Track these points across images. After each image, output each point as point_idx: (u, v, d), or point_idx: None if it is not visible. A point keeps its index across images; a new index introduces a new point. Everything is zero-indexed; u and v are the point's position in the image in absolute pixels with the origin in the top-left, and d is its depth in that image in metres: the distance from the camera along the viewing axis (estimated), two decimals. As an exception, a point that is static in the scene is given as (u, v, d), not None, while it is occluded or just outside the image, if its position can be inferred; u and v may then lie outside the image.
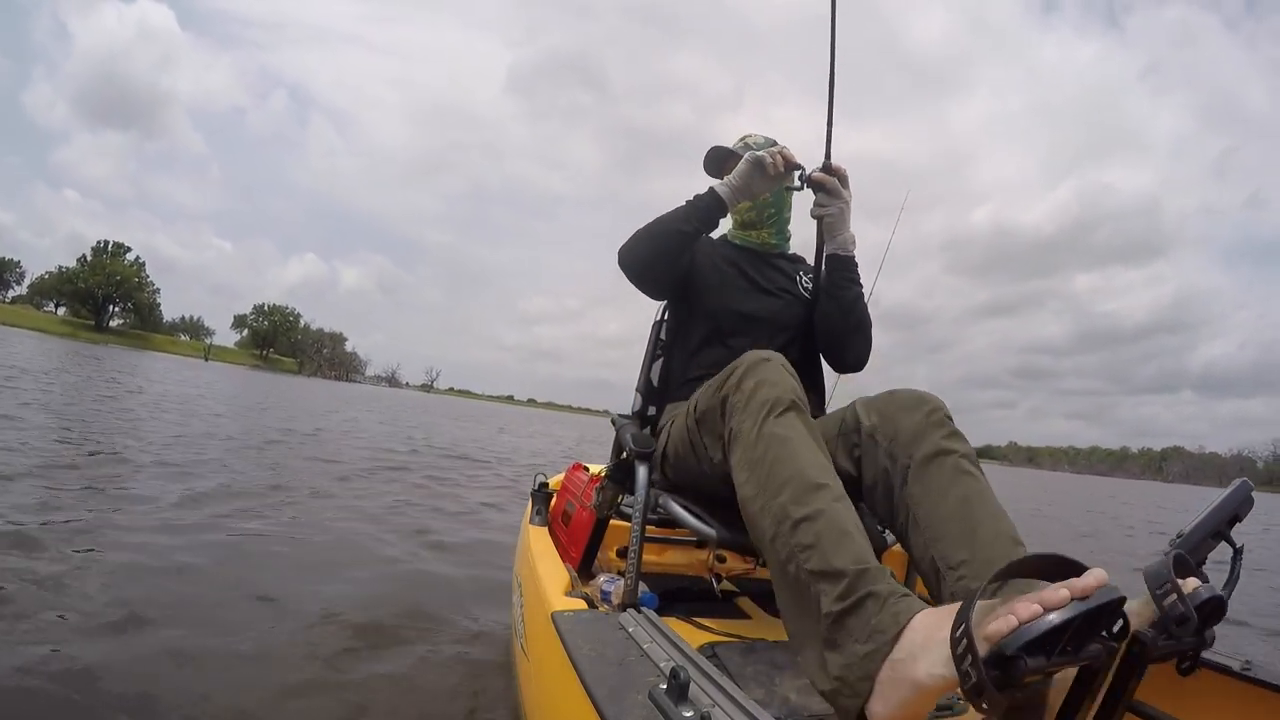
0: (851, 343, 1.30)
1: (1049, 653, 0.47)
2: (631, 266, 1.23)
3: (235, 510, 2.76)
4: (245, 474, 3.71)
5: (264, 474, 3.84)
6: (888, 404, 0.95)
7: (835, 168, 1.20)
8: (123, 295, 74.14)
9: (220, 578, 1.87)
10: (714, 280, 1.32)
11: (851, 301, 1.26)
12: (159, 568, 1.87)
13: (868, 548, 0.70)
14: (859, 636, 0.63)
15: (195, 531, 2.32)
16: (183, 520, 2.45)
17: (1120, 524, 7.93)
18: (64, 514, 2.25)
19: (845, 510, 0.74)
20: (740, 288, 1.32)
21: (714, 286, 1.31)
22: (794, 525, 0.73)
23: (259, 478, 3.66)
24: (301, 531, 2.56)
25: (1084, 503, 13.75)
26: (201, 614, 1.59)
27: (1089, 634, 0.50)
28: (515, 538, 1.69)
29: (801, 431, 0.83)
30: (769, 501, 0.78)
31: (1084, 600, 0.47)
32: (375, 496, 3.64)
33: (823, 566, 0.68)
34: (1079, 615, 0.47)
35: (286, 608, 1.71)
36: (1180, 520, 0.76)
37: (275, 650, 1.44)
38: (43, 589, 1.57)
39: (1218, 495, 0.96)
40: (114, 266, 71.95)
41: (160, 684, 1.23)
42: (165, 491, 2.88)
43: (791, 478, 0.77)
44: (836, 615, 0.65)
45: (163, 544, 2.09)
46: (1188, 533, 0.96)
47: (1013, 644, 0.47)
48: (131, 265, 74.21)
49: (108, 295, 72.50)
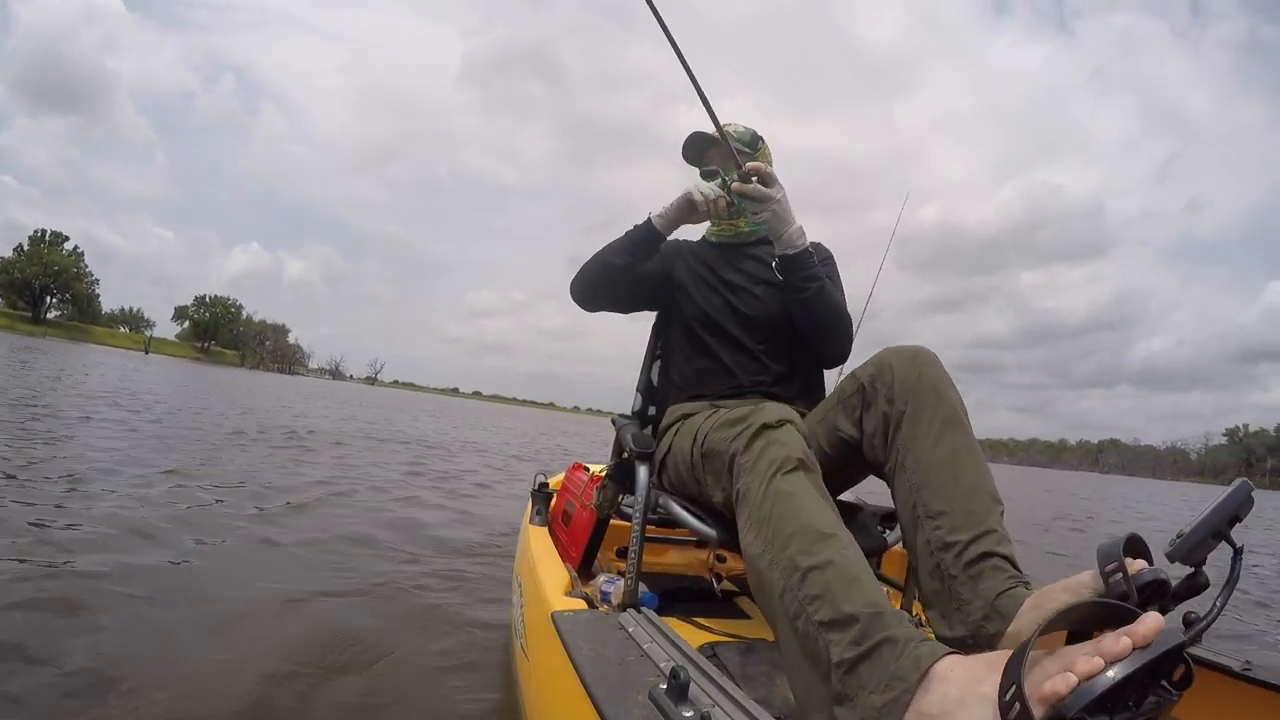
0: (824, 342, 1.26)
1: (1111, 711, 0.43)
2: (579, 300, 1.31)
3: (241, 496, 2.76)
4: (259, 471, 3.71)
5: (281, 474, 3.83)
6: (883, 356, 0.98)
7: (752, 168, 1.15)
8: (61, 286, 71.95)
9: (223, 573, 1.87)
10: (690, 287, 1.34)
11: (811, 303, 1.20)
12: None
13: (881, 593, 0.67)
14: (874, 686, 0.57)
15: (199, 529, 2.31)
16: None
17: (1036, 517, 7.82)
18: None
19: (855, 557, 0.71)
20: (713, 289, 1.32)
21: (689, 294, 1.33)
22: (803, 576, 0.69)
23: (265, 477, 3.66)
24: (308, 533, 2.56)
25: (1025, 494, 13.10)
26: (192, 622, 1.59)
27: (1150, 686, 0.45)
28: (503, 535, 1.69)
29: (809, 488, 0.81)
30: (777, 555, 0.75)
31: (1146, 649, 0.43)
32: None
33: (833, 615, 0.64)
34: (1143, 668, 0.42)
35: (282, 608, 1.71)
36: (1081, 508, 0.78)
37: (272, 650, 1.44)
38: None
39: (1218, 495, 0.96)
40: (52, 256, 69.96)
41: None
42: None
43: (799, 531, 0.75)
44: (849, 664, 0.60)
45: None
46: (1188, 533, 0.96)
47: (1073, 706, 0.42)
48: (70, 255, 72.13)
49: (45, 286, 70.37)
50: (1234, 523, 0.93)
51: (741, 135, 1.32)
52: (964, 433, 0.88)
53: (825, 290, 1.21)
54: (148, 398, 8.35)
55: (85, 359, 20.45)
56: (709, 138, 1.30)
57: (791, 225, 1.18)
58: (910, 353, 0.96)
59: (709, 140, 1.30)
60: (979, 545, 0.79)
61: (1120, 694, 0.42)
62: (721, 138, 1.17)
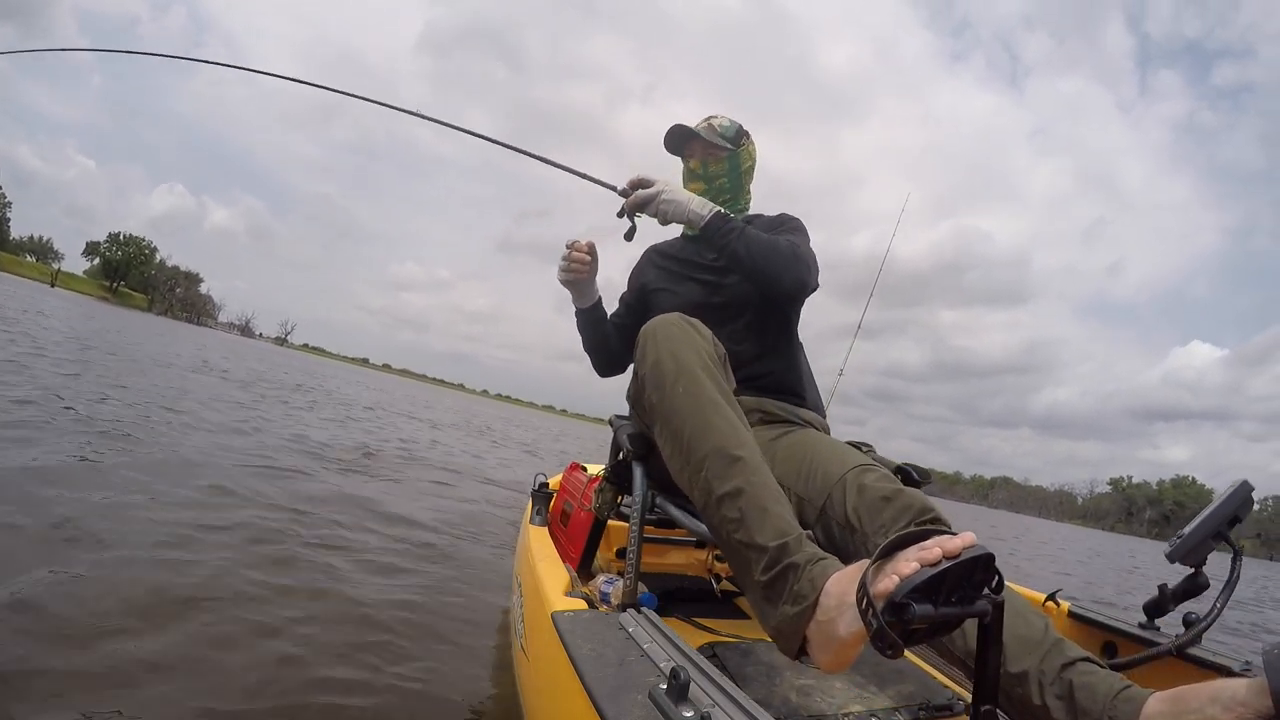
0: (767, 278, 1.18)
1: (934, 601, 0.56)
2: (603, 376, 1.48)
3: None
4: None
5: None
6: (879, 511, 0.89)
7: (628, 186, 1.20)
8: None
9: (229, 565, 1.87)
10: (656, 285, 1.40)
11: (735, 251, 1.17)
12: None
13: (785, 517, 0.78)
14: (786, 600, 0.72)
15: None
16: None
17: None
18: None
19: (763, 482, 0.81)
20: (674, 280, 1.36)
21: (655, 291, 1.40)
22: (719, 501, 0.81)
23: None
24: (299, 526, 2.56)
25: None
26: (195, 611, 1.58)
27: (969, 587, 0.59)
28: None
29: (710, 397, 0.87)
30: (694, 476, 0.84)
31: (955, 557, 0.57)
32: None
33: (748, 540, 0.77)
34: (953, 567, 0.56)
35: (274, 607, 1.71)
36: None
37: (267, 649, 1.44)
38: None
39: (1218, 496, 0.96)
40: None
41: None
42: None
43: (709, 453, 0.83)
44: (764, 584, 0.75)
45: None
46: (1187, 534, 0.96)
47: (899, 593, 0.56)
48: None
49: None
50: (1234, 524, 0.94)
51: (725, 130, 1.34)
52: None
53: (745, 233, 1.17)
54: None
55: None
56: (689, 131, 1.34)
57: (688, 205, 1.19)
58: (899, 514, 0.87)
59: (688, 133, 1.34)
60: (1050, 661, 0.75)
61: (937, 586, 0.56)
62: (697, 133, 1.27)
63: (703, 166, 1.34)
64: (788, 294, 1.20)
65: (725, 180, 1.34)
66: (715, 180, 1.34)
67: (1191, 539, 0.95)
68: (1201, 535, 0.94)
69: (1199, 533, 0.94)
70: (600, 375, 1.50)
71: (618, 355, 1.46)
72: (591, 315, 1.40)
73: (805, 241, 1.28)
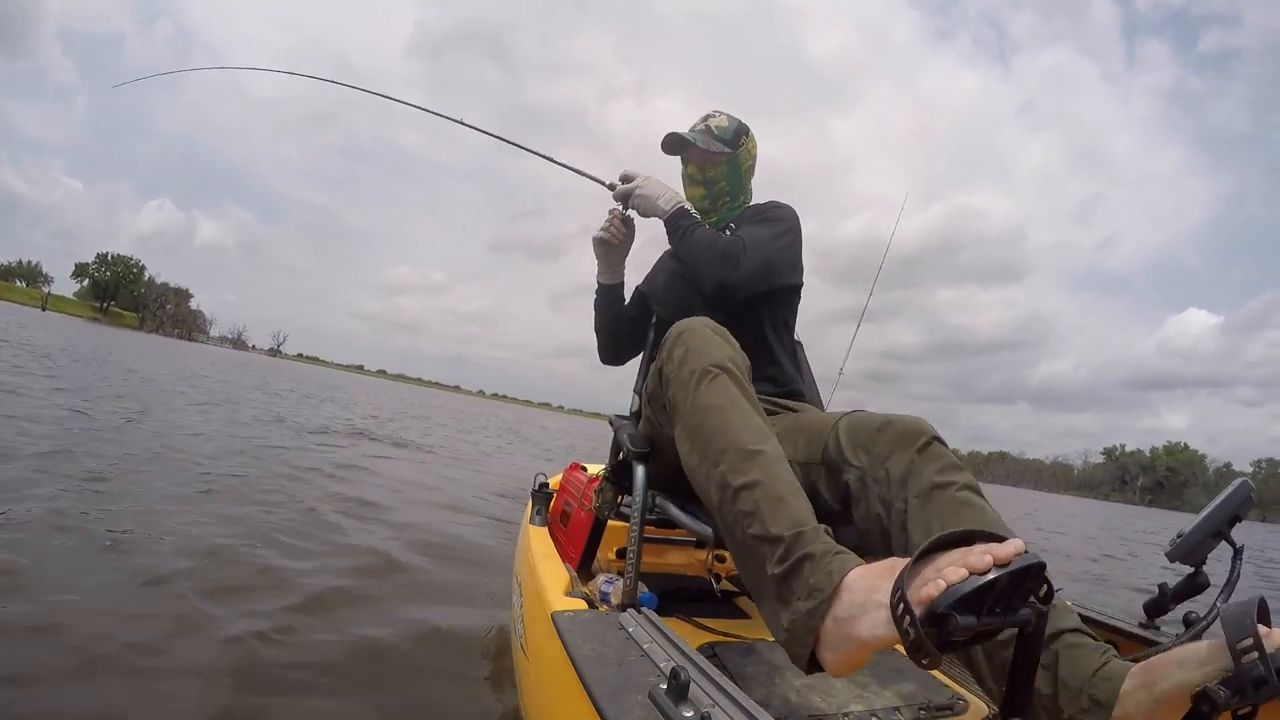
0: (697, 282, 1.20)
1: (978, 612, 0.52)
2: (606, 362, 1.50)
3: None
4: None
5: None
6: (874, 442, 0.90)
7: (619, 180, 1.30)
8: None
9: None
10: (658, 285, 1.43)
11: (679, 255, 1.24)
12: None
13: (803, 509, 0.75)
14: (801, 594, 0.68)
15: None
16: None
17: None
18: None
19: (780, 475, 0.78)
20: (674, 279, 1.37)
21: (657, 291, 1.43)
22: (734, 494, 0.78)
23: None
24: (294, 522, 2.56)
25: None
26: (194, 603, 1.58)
27: (1016, 597, 0.54)
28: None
29: (733, 397, 0.86)
30: (710, 470, 0.82)
31: (1005, 566, 0.52)
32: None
33: (762, 532, 0.74)
34: (1002, 577, 0.52)
35: (268, 606, 1.71)
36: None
37: (264, 647, 1.44)
38: None
39: (1219, 495, 0.96)
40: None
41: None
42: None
43: (727, 447, 0.81)
44: (779, 577, 0.71)
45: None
46: (1188, 533, 0.96)
47: (943, 603, 0.51)
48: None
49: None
50: (1234, 522, 0.94)
51: (723, 132, 1.33)
52: (976, 509, 0.80)
53: (688, 233, 1.22)
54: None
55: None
56: (684, 139, 1.33)
57: (657, 200, 1.26)
58: (901, 439, 0.88)
59: (684, 141, 1.34)
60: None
61: (984, 597, 0.52)
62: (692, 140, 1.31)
63: (700, 172, 1.34)
64: (710, 296, 1.19)
65: (725, 184, 1.34)
66: (715, 184, 1.34)
67: (1191, 538, 0.95)
68: (1201, 534, 0.94)
69: (1199, 532, 0.94)
70: (603, 362, 1.50)
71: (626, 343, 1.49)
72: (612, 294, 1.44)
73: (780, 234, 1.25)
